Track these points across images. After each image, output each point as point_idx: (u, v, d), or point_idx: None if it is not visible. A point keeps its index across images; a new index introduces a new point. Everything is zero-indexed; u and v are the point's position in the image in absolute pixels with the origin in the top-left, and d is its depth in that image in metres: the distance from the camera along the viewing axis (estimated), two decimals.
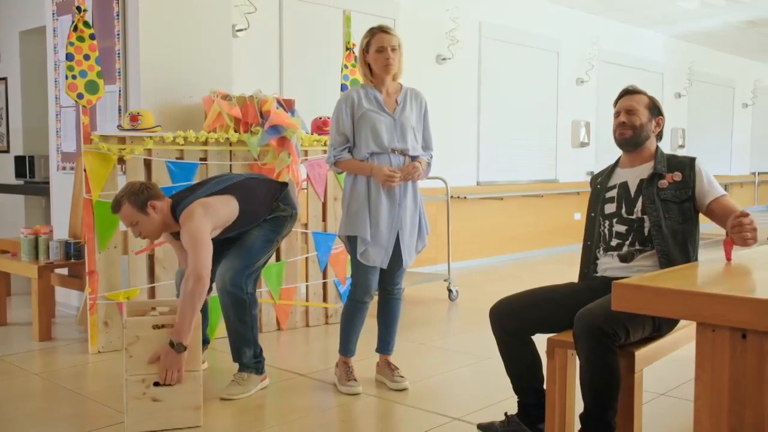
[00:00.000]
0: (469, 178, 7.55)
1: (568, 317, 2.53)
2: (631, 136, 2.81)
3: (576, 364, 2.67)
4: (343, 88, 4.81)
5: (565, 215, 8.87)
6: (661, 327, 2.59)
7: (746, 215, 2.36)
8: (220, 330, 4.39)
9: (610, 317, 2.32)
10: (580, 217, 9.08)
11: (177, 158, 4.24)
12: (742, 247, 2.37)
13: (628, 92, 2.87)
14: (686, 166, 2.72)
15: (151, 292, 4.23)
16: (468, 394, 3.51)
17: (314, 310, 4.80)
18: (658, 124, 2.86)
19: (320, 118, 4.78)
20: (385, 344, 3.57)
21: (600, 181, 2.95)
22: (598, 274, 2.84)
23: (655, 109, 2.85)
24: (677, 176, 2.70)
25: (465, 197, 7.33)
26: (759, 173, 13.34)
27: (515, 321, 2.69)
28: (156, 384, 2.93)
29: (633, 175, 2.82)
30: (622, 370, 2.44)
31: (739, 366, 1.80)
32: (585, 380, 2.41)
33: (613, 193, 2.83)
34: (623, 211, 2.77)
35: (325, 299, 4.83)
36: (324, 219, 4.79)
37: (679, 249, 2.65)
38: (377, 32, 3.32)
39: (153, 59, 4.50)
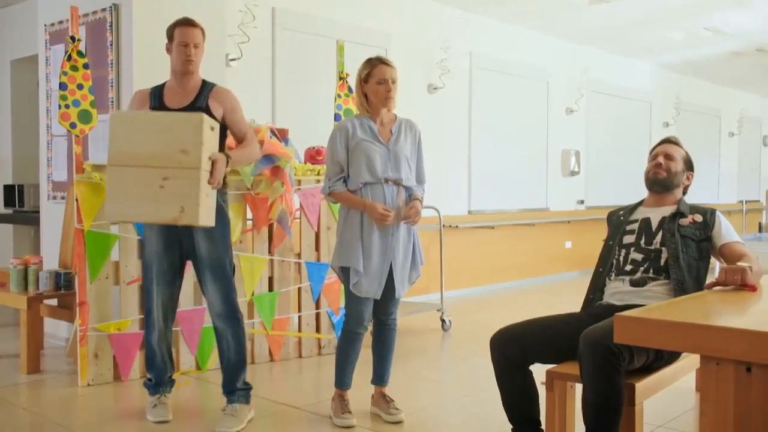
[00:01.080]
0: (460, 207, 7.56)
1: (569, 346, 2.52)
2: (665, 178, 2.99)
3: (576, 396, 2.65)
4: (337, 117, 4.82)
5: (557, 244, 8.89)
6: (663, 354, 2.59)
7: (740, 269, 2.41)
8: (212, 361, 4.34)
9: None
10: (571, 245, 9.10)
11: None
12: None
13: (670, 141, 3.08)
14: (707, 212, 2.93)
15: (142, 324, 4.16)
16: (464, 426, 3.46)
17: (307, 341, 4.75)
18: (688, 178, 3.08)
19: (313, 148, 4.77)
20: (379, 376, 3.53)
21: (622, 214, 3.09)
22: (603, 302, 2.84)
23: (689, 164, 3.07)
24: (698, 217, 2.88)
25: (457, 226, 7.33)
26: (746, 201, 13.44)
27: (516, 349, 2.67)
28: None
29: (656, 214, 2.97)
30: (624, 402, 2.42)
31: (743, 400, 1.78)
32: (588, 400, 2.39)
33: (635, 226, 2.97)
34: (642, 241, 2.90)
35: (318, 330, 4.79)
36: (317, 249, 4.77)
37: (693, 281, 2.73)
38: (378, 64, 3.34)
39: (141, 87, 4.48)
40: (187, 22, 3.46)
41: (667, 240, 2.83)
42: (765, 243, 9.08)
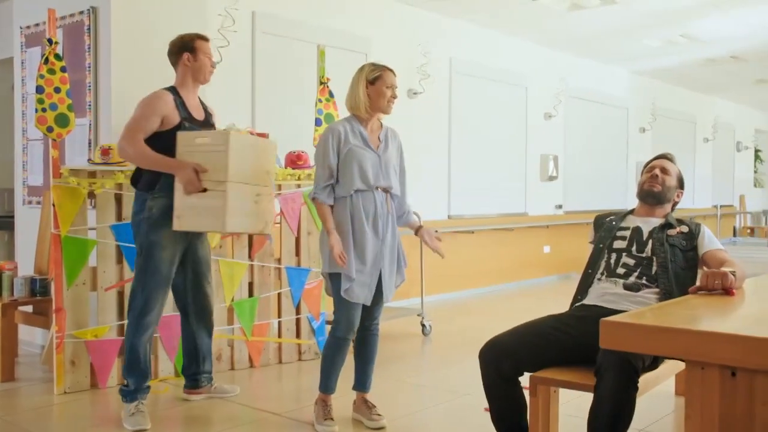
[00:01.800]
0: (440, 211, 7.56)
1: (557, 352, 2.53)
2: (659, 191, 3.09)
3: (559, 401, 2.66)
4: (317, 122, 4.80)
5: (535, 248, 8.93)
6: (657, 359, 2.63)
7: (721, 273, 2.45)
8: None
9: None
10: (549, 250, 9.15)
11: None
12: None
13: (666, 157, 3.21)
14: (693, 224, 3.04)
15: (121, 330, 4.11)
16: (441, 430, 3.45)
17: (287, 347, 4.71)
18: (678, 195, 3.19)
19: (294, 152, 4.75)
20: (362, 382, 3.51)
21: (613, 220, 3.18)
22: (588, 303, 2.86)
23: (681, 182, 3.21)
24: (684, 228, 2.99)
25: (436, 231, 7.31)
26: (721, 206, 13.61)
27: (510, 363, 2.66)
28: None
29: (646, 224, 3.06)
30: None
31: (728, 404, 1.79)
32: (603, 416, 2.38)
33: (625, 233, 3.05)
34: (633, 248, 2.98)
35: (298, 335, 4.75)
36: (297, 254, 4.74)
37: (680, 291, 2.77)
38: (387, 70, 3.38)
39: (125, 92, 4.44)
40: (206, 37, 3.75)
41: (657, 249, 2.92)
42: (740, 247, 9.20)
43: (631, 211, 3.20)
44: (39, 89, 3.89)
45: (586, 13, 7.42)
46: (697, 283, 2.54)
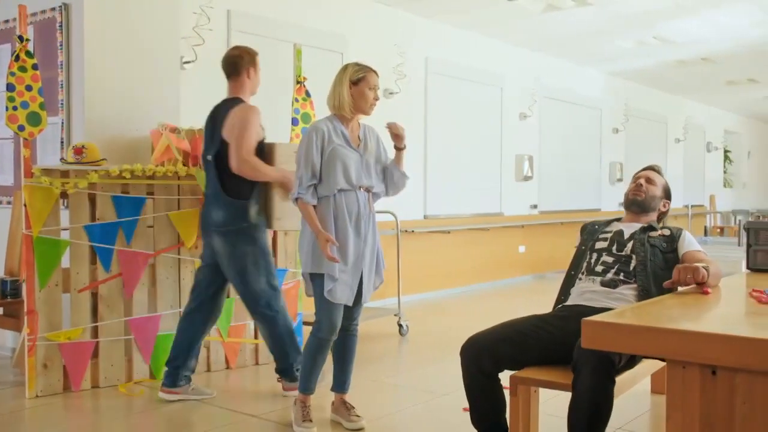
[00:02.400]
0: (416, 211, 7.56)
1: (540, 352, 2.54)
2: (642, 200, 3.18)
3: (539, 400, 2.66)
4: (294, 121, 4.77)
5: (511, 248, 8.97)
6: (634, 357, 2.65)
7: (692, 267, 2.51)
8: None
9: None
10: (524, 249, 9.19)
11: (123, 192, 4.11)
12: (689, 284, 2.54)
13: (652, 168, 3.30)
14: (675, 228, 3.10)
15: (95, 332, 4.05)
16: (419, 430, 3.45)
17: (264, 348, 4.66)
18: (664, 205, 3.27)
19: None
20: (340, 383, 3.50)
21: (597, 225, 3.25)
22: (568, 303, 2.89)
23: (667, 193, 3.28)
24: (666, 231, 3.06)
25: (413, 231, 7.33)
26: (692, 206, 13.79)
27: (490, 360, 2.67)
28: None
29: (629, 228, 3.13)
30: None
31: (709, 403, 1.80)
32: (581, 411, 2.40)
33: (608, 235, 3.12)
34: (614, 248, 3.04)
35: None
36: (274, 254, 4.69)
37: (657, 290, 2.81)
38: (370, 71, 3.35)
39: (98, 91, 4.38)
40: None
41: (637, 248, 2.97)
42: (711, 246, 9.32)
43: (618, 219, 3.30)
44: (10, 87, 3.82)
45: (561, 14, 7.47)
46: (671, 279, 2.59)
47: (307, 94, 4.83)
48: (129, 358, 4.16)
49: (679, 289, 2.68)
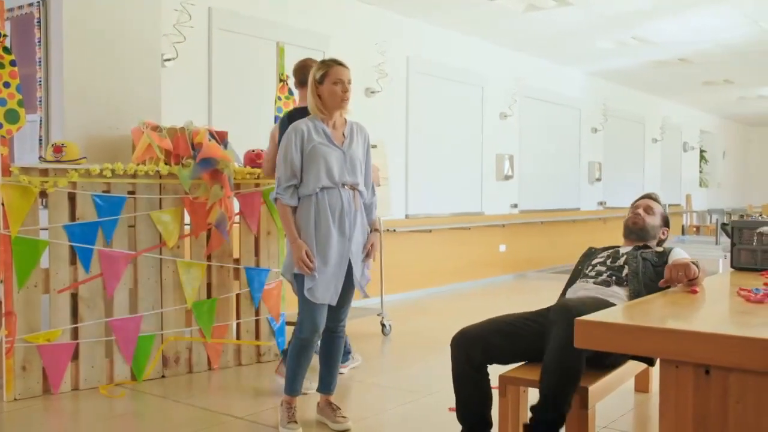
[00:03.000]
0: (398, 210, 7.55)
1: (530, 346, 2.54)
2: (641, 228, 3.28)
3: (528, 401, 2.66)
4: (276, 120, 4.73)
5: (491, 247, 8.99)
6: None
7: (683, 264, 2.57)
8: (149, 371, 4.19)
9: (589, 309, 2.41)
10: (505, 249, 9.22)
11: (104, 192, 4.05)
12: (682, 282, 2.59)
13: (650, 197, 3.42)
14: (668, 248, 3.19)
15: (75, 333, 3.99)
16: (405, 430, 3.44)
17: (247, 349, 4.63)
18: (664, 233, 3.37)
19: (253, 151, 4.66)
20: (326, 384, 3.47)
21: (596, 249, 3.38)
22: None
23: (666, 221, 3.42)
24: (659, 249, 3.16)
25: (394, 230, 7.32)
26: (669, 205, 13.92)
27: (480, 350, 2.67)
28: None
29: (625, 248, 3.25)
30: (575, 406, 2.44)
31: (702, 402, 1.80)
32: (553, 363, 2.43)
33: (605, 253, 3.25)
34: (608, 261, 3.15)
35: (257, 337, 4.67)
36: (257, 254, 4.66)
37: (648, 294, 2.82)
38: (333, 65, 3.28)
39: (77, 88, 4.31)
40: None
41: (630, 260, 3.07)
42: (689, 245, 9.41)
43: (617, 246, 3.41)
44: None
45: (542, 14, 7.49)
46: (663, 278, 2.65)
47: (290, 92, 4.80)
48: (110, 360, 4.10)
49: (671, 288, 2.69)
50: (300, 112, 3.66)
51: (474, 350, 2.65)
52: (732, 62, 10.09)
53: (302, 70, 4.06)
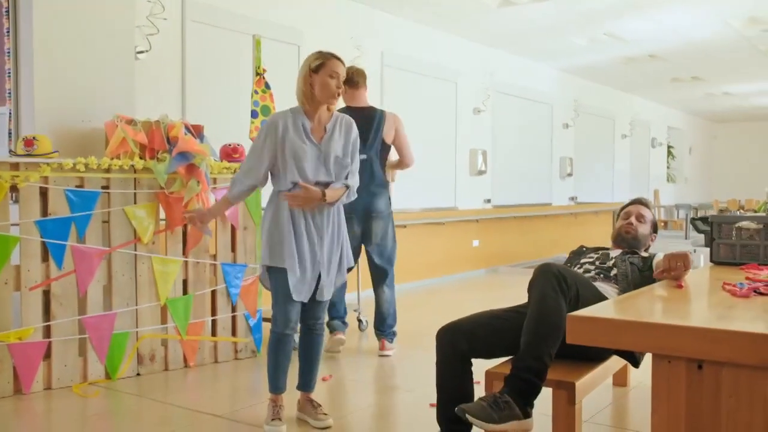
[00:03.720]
0: None
1: (514, 336, 2.54)
2: (633, 237, 3.31)
3: None
4: (253, 114, 4.67)
5: (465, 242, 9.01)
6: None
7: (683, 254, 2.64)
8: (123, 369, 4.12)
9: (570, 275, 2.56)
10: (478, 244, 9.24)
11: (77, 186, 3.95)
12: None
13: (641, 202, 3.42)
14: (652, 253, 3.20)
15: (47, 331, 3.89)
16: (391, 428, 3.41)
17: (223, 345, 4.57)
18: (652, 239, 3.42)
19: (230, 145, 4.60)
20: (306, 382, 3.43)
21: (586, 248, 3.42)
22: None
23: (655, 227, 3.43)
24: (645, 254, 3.19)
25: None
26: None
27: (466, 341, 2.65)
28: None
29: (614, 252, 3.29)
30: (563, 402, 2.44)
31: (695, 397, 1.81)
32: (533, 318, 2.43)
33: (594, 254, 3.29)
34: (597, 261, 3.19)
35: (234, 333, 4.61)
36: (233, 250, 4.60)
37: None
38: (332, 58, 3.25)
39: (48, 80, 4.20)
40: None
41: (619, 263, 3.10)
42: (659, 240, 9.54)
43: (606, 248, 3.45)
44: None
45: (516, 9, 7.51)
46: (660, 268, 2.71)
47: (267, 86, 4.73)
48: (83, 358, 4.01)
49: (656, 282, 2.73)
50: (347, 111, 4.09)
51: (460, 342, 2.64)
52: (700, 59, 10.23)
53: (361, 72, 4.84)
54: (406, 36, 7.95)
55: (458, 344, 2.64)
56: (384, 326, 4.82)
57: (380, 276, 4.83)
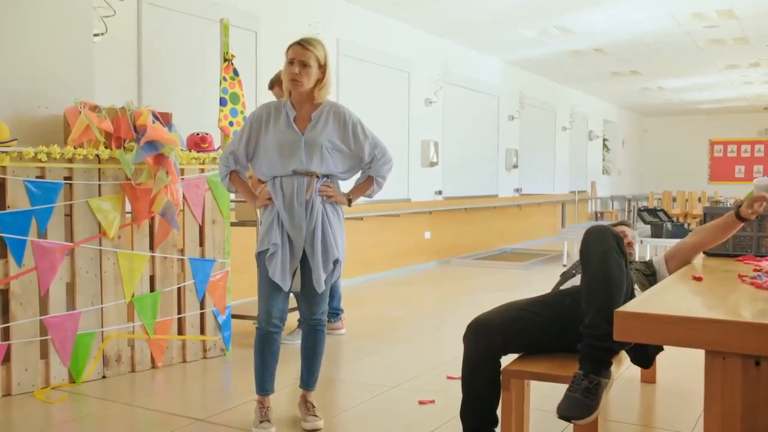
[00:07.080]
0: None
1: (539, 336, 2.49)
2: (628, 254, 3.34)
3: (532, 394, 2.59)
4: (222, 102, 4.47)
5: (417, 234, 8.95)
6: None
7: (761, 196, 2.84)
8: (88, 372, 3.87)
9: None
10: (429, 236, 9.21)
11: (37, 177, 3.68)
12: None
13: (624, 224, 3.48)
14: (647, 260, 3.30)
15: (6, 333, 3.61)
16: (383, 427, 3.30)
17: (191, 344, 4.36)
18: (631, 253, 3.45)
19: (197, 134, 4.38)
20: (304, 379, 3.29)
21: None
22: (566, 286, 2.91)
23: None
24: (644, 259, 3.08)
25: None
26: (578, 192, 14.38)
27: (500, 339, 2.57)
28: None
29: None
30: None
31: (752, 395, 1.76)
32: (597, 279, 2.42)
33: None
34: None
35: (203, 331, 4.41)
36: (201, 244, 4.39)
37: None
38: (293, 44, 3.13)
39: (2, 64, 3.89)
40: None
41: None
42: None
43: None
44: None
45: None
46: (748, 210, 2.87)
47: (236, 72, 4.54)
48: (45, 361, 3.75)
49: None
50: None
51: (494, 340, 2.55)
52: (641, 54, 10.45)
53: None
54: (362, 24, 7.81)
55: (493, 343, 2.55)
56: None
57: None
